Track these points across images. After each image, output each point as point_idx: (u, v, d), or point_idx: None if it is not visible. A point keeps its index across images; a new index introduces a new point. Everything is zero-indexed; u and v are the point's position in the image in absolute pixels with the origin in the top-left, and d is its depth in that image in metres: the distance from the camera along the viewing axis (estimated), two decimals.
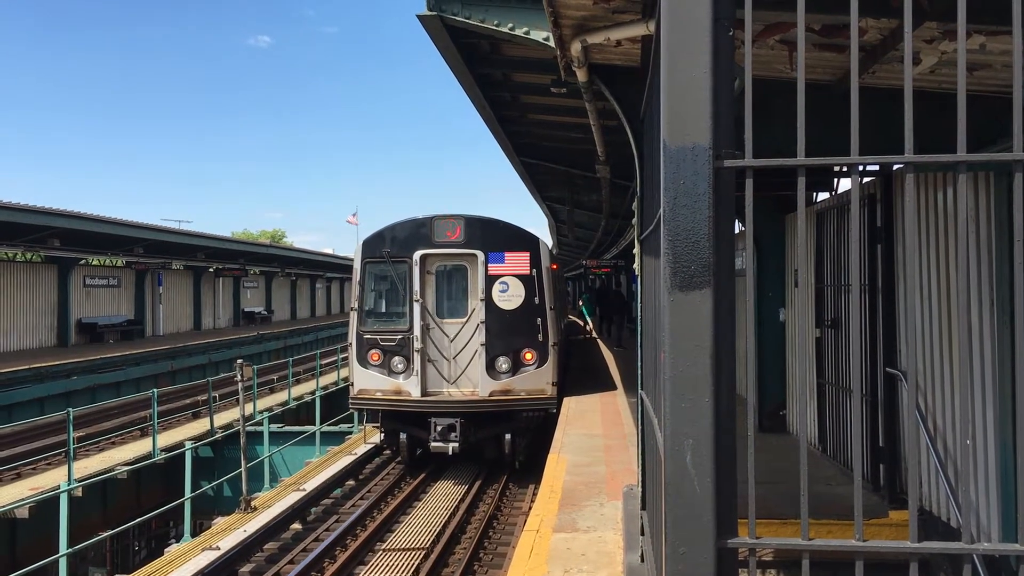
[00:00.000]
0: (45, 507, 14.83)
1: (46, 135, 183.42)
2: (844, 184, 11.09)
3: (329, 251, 75.90)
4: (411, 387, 15.86)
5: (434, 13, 9.01)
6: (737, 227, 11.76)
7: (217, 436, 20.33)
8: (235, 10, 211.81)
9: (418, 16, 9.10)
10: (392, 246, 16.32)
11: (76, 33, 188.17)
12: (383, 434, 17.06)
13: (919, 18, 4.51)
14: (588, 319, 37.07)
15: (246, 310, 57.13)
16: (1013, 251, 2.29)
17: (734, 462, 2.32)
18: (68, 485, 14.53)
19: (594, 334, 35.82)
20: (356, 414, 19.95)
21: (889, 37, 5.38)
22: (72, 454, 15.91)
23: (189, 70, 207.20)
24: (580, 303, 39.80)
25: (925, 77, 6.03)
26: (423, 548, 12.19)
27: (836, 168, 7.99)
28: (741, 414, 2.47)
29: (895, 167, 7.46)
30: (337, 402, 25.96)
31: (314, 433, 20.57)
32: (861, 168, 2.99)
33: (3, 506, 14.39)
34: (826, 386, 10.05)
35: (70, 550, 12.68)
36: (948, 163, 2.30)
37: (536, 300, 16.14)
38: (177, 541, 15.92)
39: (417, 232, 16.39)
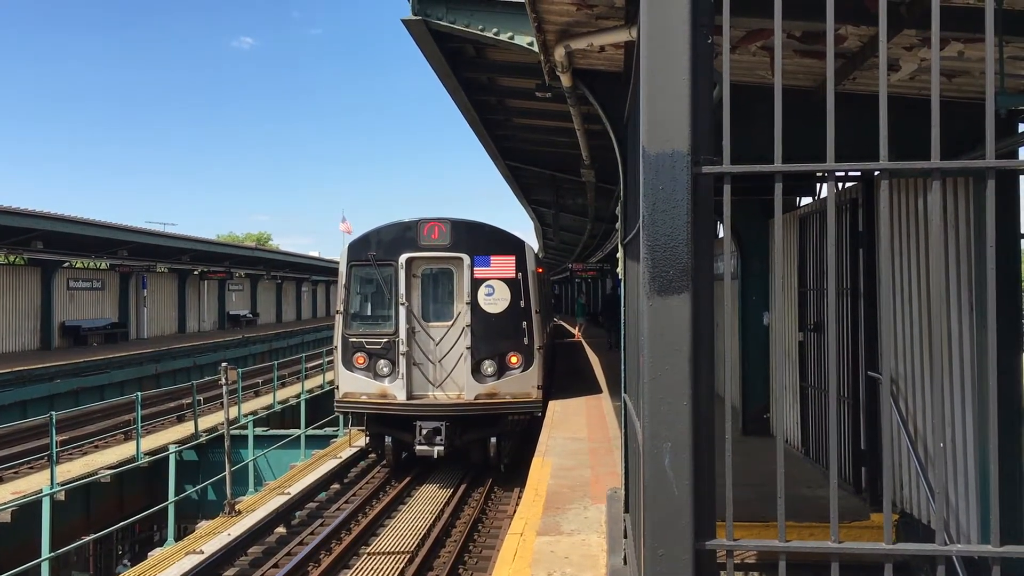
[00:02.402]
0: (27, 511, 14.73)
1: (23, 137, 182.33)
2: (827, 189, 11.16)
3: (315, 254, 75.74)
4: (396, 390, 15.84)
5: (419, 18, 9.03)
6: (720, 231, 11.75)
7: (201, 440, 20.23)
8: (219, 12, 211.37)
9: (403, 20, 9.12)
10: (378, 249, 16.30)
11: (54, 35, 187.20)
12: (368, 437, 17.02)
13: (897, 26, 4.56)
14: (580, 322, 38.35)
15: (231, 313, 56.90)
16: (988, 256, 2.33)
17: (712, 465, 2.35)
18: (50, 489, 14.43)
19: (579, 336, 36.18)
20: (341, 417, 19.90)
21: (868, 44, 5.44)
22: (55, 458, 15.80)
23: (171, 73, 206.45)
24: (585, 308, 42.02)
25: (905, 84, 6.10)
26: (408, 552, 12.17)
27: (818, 173, 8.05)
28: (726, 417, 2.49)
29: (875, 172, 7.52)
30: (322, 406, 25.89)
31: (299, 437, 20.52)
32: (839, 174, 3.03)
33: None
34: (809, 389, 10.11)
35: (52, 554, 12.60)
36: (924, 170, 2.33)
37: (522, 304, 16.15)
38: (160, 545, 15.83)
39: (403, 235, 16.38)
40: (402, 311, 15.96)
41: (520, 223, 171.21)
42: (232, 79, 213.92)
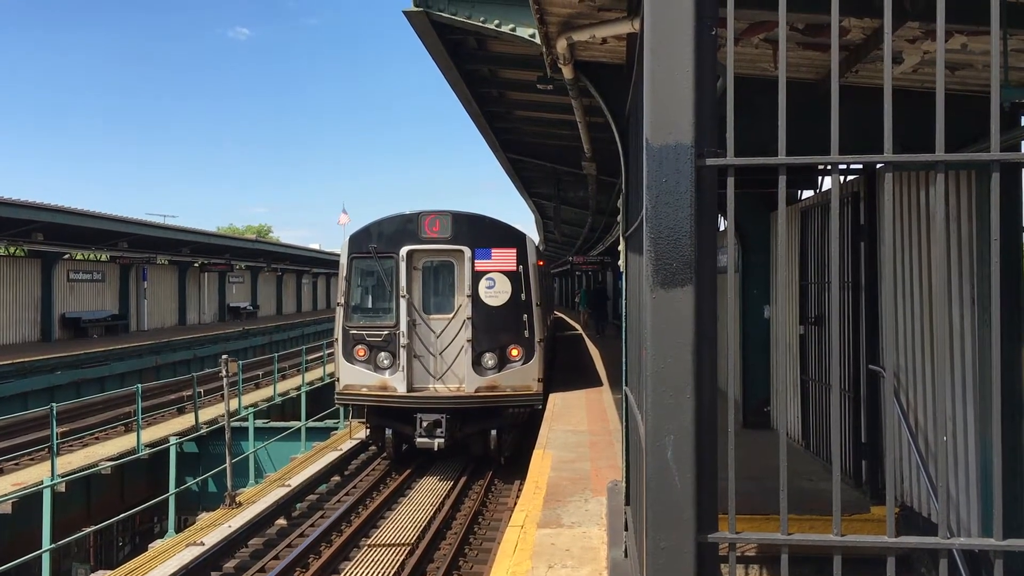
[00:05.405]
0: (28, 503, 14.74)
1: (23, 132, 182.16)
2: (829, 182, 11.13)
3: (316, 247, 75.62)
4: (397, 383, 15.85)
5: (421, 9, 9.00)
6: (722, 224, 11.72)
7: (202, 432, 20.24)
8: (215, 1, 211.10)
9: (404, 12, 9.10)
10: (379, 241, 16.30)
11: (50, 27, 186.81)
12: (369, 430, 17.04)
13: (901, 18, 4.55)
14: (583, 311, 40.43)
15: (231, 305, 56.85)
16: (991, 249, 2.32)
17: (715, 457, 2.34)
18: (51, 480, 14.45)
19: (582, 325, 36.93)
20: (342, 410, 19.92)
21: (872, 36, 5.42)
22: (55, 449, 15.82)
23: (168, 64, 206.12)
24: (577, 299, 43.83)
25: (908, 76, 6.08)
26: (408, 544, 12.18)
27: (820, 167, 8.03)
28: (727, 410, 2.49)
29: (878, 165, 7.51)
30: (323, 398, 25.91)
31: (299, 429, 20.54)
32: (842, 167, 3.01)
33: None
34: (809, 383, 10.11)
35: (53, 546, 12.62)
36: (927, 163, 2.32)
37: (523, 296, 16.16)
38: (161, 537, 15.86)
39: (404, 228, 16.38)
40: (403, 303, 15.96)
41: (521, 216, 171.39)
42: (230, 70, 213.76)
